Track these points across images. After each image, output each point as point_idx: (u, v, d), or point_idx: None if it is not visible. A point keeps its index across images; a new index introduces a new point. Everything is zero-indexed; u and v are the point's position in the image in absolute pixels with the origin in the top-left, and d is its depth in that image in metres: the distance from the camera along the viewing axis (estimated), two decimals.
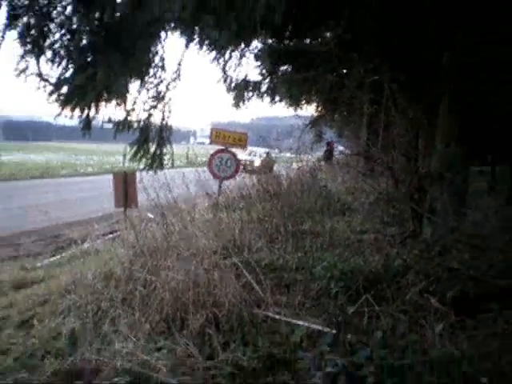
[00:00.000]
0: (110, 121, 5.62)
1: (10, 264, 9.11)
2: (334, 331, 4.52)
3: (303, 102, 16.16)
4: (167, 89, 5.44)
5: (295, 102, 15.80)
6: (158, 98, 5.44)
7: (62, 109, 5.18)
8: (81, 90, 4.94)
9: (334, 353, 4.28)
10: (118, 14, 4.76)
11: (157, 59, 5.26)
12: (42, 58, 4.90)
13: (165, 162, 6.17)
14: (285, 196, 9.15)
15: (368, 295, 5.04)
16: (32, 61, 4.84)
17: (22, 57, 4.78)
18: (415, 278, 5.42)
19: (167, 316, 4.83)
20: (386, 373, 3.88)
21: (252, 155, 31.78)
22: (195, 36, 6.38)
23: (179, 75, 5.47)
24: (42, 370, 4.40)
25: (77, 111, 5.32)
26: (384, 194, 8.23)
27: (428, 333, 4.28)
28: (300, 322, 4.79)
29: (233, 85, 10.62)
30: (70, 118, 5.43)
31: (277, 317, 4.92)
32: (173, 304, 4.87)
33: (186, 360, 4.26)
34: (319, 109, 18.12)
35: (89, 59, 4.83)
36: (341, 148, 20.78)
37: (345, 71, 11.04)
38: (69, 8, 4.80)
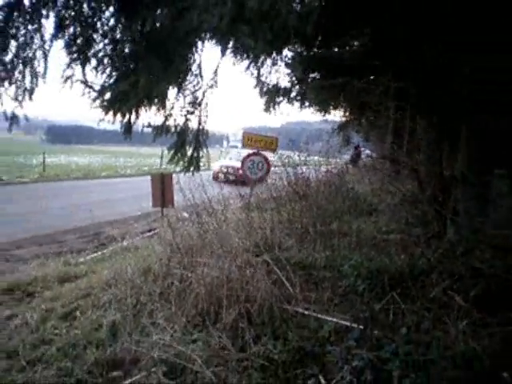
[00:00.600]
0: (149, 125, 5.68)
1: (54, 259, 9.21)
2: (361, 327, 4.51)
3: (331, 107, 16.12)
4: (204, 95, 5.48)
5: (323, 108, 15.76)
6: (195, 103, 5.48)
7: (105, 114, 5.25)
8: (123, 96, 5.01)
9: (360, 347, 4.27)
10: (159, 24, 4.82)
11: (194, 67, 5.31)
12: (87, 66, 4.99)
13: (201, 165, 6.21)
14: (313, 197, 9.12)
15: (394, 293, 5.01)
16: (77, 68, 4.92)
17: (69, 65, 4.86)
18: (439, 277, 5.36)
19: (202, 310, 4.86)
20: (411, 367, 3.86)
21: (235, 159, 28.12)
22: (230, 45, 6.41)
23: (216, 82, 5.51)
24: (84, 359, 4.46)
25: (118, 116, 5.41)
26: (409, 196, 8.17)
27: (451, 330, 4.23)
28: (328, 318, 4.78)
29: (264, 90, 10.63)
30: (112, 122, 5.52)
31: (306, 312, 4.92)
32: (207, 299, 4.90)
33: (220, 352, 4.28)
34: (347, 114, 18.05)
35: (131, 67, 4.89)
36: (367, 151, 20.62)
37: (371, 78, 10.97)
38: (112, 19, 4.88)
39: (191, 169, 6.16)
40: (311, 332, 4.62)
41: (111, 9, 4.84)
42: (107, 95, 5.10)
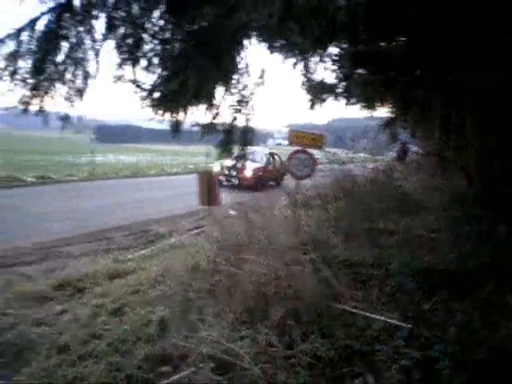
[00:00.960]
0: (197, 124, 5.72)
1: (103, 256, 9.37)
2: (410, 326, 4.46)
3: (378, 103, 15.91)
4: (252, 93, 5.48)
5: (370, 104, 15.56)
6: (243, 102, 5.48)
7: (155, 113, 5.31)
8: (173, 96, 5.05)
9: (409, 347, 4.23)
10: (207, 23, 4.85)
11: (242, 65, 5.31)
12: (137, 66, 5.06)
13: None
14: (360, 194, 9.05)
15: (443, 292, 4.94)
16: (128, 68, 4.99)
17: (120, 65, 4.93)
18: (489, 276, 5.26)
19: (249, 307, 4.87)
20: (460, 367, 3.80)
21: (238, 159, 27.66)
22: (278, 42, 6.41)
23: (263, 80, 5.50)
24: (134, 354, 4.52)
25: (167, 115, 5.46)
26: (457, 194, 8.03)
27: (502, 329, 4.15)
28: (376, 317, 4.74)
29: (311, 87, 10.56)
30: (161, 121, 5.58)
31: (353, 310, 4.89)
32: (255, 296, 4.91)
33: (267, 349, 4.29)
34: (393, 110, 17.79)
35: (180, 66, 4.92)
36: (414, 148, 20.31)
37: (418, 72, 10.79)
38: (161, 20, 4.93)
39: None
40: (359, 330, 4.60)
41: (160, 9, 4.89)
42: (157, 94, 5.15)
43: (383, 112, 17.94)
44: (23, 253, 10.19)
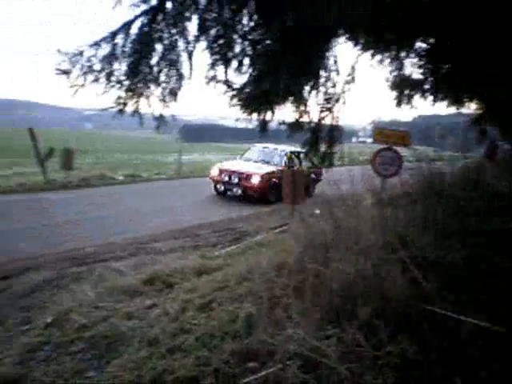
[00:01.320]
0: (283, 123, 5.75)
1: (191, 252, 9.56)
2: (504, 329, 4.30)
3: (466, 99, 15.40)
4: (341, 91, 5.45)
5: (458, 100, 15.09)
6: (332, 99, 5.46)
7: (244, 112, 5.38)
8: (264, 95, 5.10)
9: (502, 350, 4.09)
10: (297, 23, 4.85)
11: (330, 63, 5.29)
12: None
13: (334, 161, 6.19)
14: (449, 193, 8.77)
15: None
16: (219, 69, 5.09)
17: (212, 65, 5.03)
18: None
19: (336, 306, 4.83)
20: None
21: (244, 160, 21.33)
22: (364, 39, 6.34)
23: (353, 78, 5.47)
24: (221, 349, 4.57)
25: (255, 114, 5.52)
26: None
27: None
28: (467, 319, 4.59)
29: (396, 83, 10.38)
30: (249, 121, 5.64)
31: (443, 312, 4.75)
32: (342, 295, 4.87)
33: (354, 349, 4.24)
34: (482, 106, 17.16)
35: (271, 66, 4.95)
36: (505, 146, 19.49)
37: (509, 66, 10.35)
38: (251, 21, 4.99)
39: (324, 165, 6.15)
40: (449, 333, 4.47)
41: (250, 10, 4.94)
42: (246, 94, 5.22)
43: (472, 108, 17.35)
44: (115, 248, 10.59)
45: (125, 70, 4.70)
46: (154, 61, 4.81)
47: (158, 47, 4.76)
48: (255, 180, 18.48)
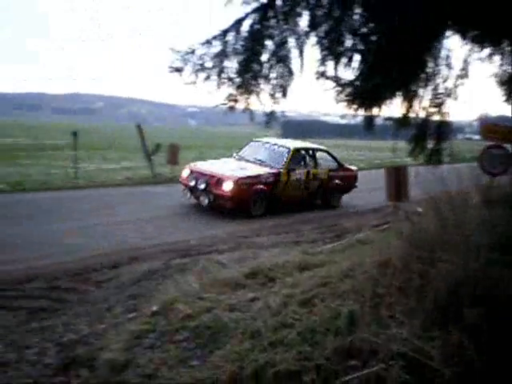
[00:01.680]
0: (389, 118, 5.67)
1: (292, 248, 9.62)
2: None
3: None
4: (454, 86, 5.31)
5: None
6: (443, 95, 5.32)
7: (350, 108, 5.35)
8: (373, 90, 5.05)
9: None
10: (405, 17, 4.78)
11: (442, 56, 5.16)
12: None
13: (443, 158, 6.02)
14: None
15: None
16: (329, 64, 5.10)
17: (322, 61, 5.05)
18: None
19: (442, 307, 4.70)
20: None
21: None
22: (473, 32, 6.14)
23: (466, 73, 5.31)
24: (323, 345, 4.56)
25: (361, 110, 5.47)
26: None
27: None
28: None
29: (505, 79, 9.96)
30: (354, 117, 5.60)
31: None
32: (448, 296, 4.73)
33: (460, 352, 4.13)
34: None
35: (382, 61, 4.89)
36: None
37: None
38: (361, 17, 4.96)
39: (432, 161, 5.99)
40: None
41: (358, 4, 4.90)
42: (354, 89, 5.18)
43: None
44: (217, 242, 10.85)
45: (236, 67, 4.80)
46: (264, 58, 4.89)
47: (269, 44, 4.83)
48: (227, 186, 14.28)
